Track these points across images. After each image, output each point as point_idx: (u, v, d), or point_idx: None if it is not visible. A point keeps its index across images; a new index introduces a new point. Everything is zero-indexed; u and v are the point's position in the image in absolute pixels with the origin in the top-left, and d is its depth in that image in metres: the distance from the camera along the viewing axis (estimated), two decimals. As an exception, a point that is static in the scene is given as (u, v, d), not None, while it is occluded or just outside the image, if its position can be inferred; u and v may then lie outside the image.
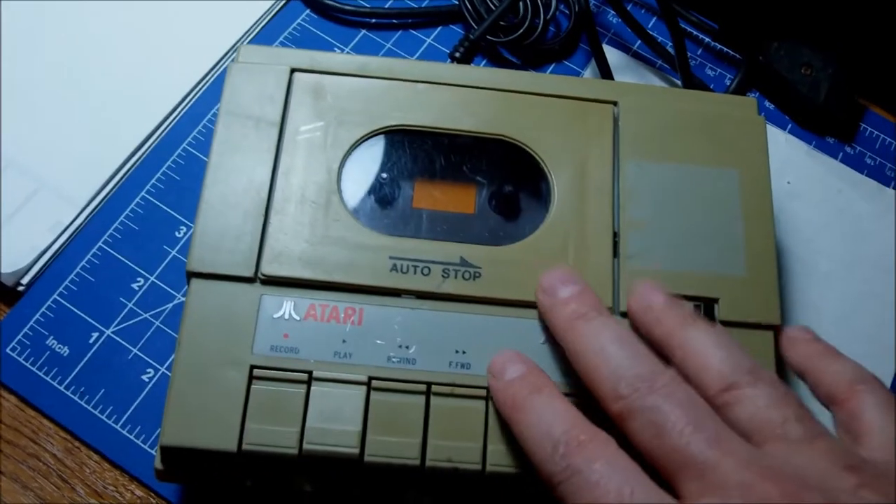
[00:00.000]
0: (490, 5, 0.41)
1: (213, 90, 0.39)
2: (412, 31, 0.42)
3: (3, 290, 0.34)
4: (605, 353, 0.26)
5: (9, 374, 0.33)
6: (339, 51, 0.41)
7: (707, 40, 0.44)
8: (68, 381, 0.33)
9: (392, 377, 0.28)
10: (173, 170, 0.37)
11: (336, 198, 0.31)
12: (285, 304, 0.29)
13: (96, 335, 0.34)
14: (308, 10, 0.42)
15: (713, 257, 0.31)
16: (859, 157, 0.42)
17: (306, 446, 0.27)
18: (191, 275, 0.29)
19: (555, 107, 0.34)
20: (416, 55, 0.42)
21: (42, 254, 0.35)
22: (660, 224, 0.32)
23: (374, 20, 0.42)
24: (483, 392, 0.29)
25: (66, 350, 0.33)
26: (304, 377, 0.28)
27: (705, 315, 0.30)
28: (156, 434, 0.32)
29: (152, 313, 0.34)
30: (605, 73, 0.41)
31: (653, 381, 0.25)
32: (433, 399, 0.28)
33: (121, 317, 0.34)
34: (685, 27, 0.43)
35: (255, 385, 0.28)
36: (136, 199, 0.37)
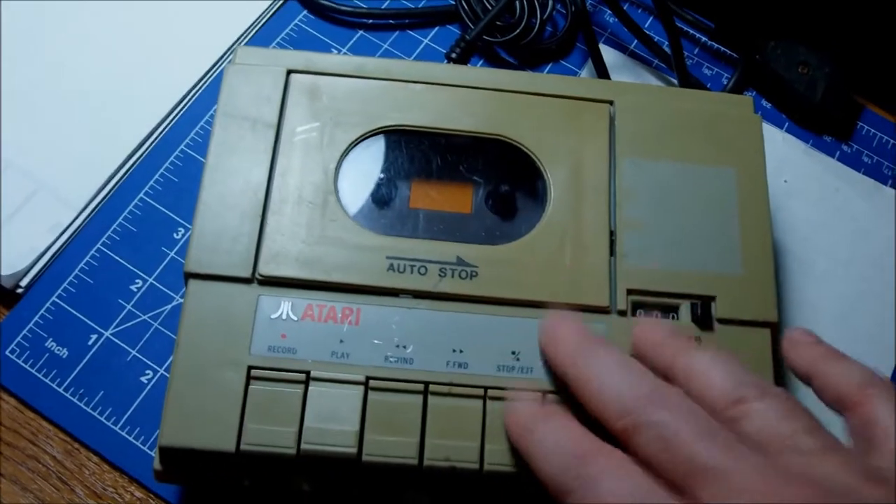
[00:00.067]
0: (486, 5, 0.41)
1: (211, 92, 0.39)
2: (409, 31, 0.42)
3: (2, 292, 0.35)
4: (609, 375, 0.25)
5: (8, 376, 0.33)
6: (336, 51, 0.41)
7: (704, 39, 0.44)
8: (67, 382, 0.33)
9: (389, 377, 0.28)
10: (171, 171, 0.37)
11: (333, 198, 0.31)
12: (283, 305, 0.29)
13: (95, 337, 0.34)
14: (305, 11, 0.42)
15: (710, 256, 0.31)
16: (856, 156, 0.42)
17: (304, 446, 0.27)
18: (188, 276, 0.29)
19: (551, 106, 0.34)
20: (414, 56, 0.42)
21: (41, 256, 0.35)
22: (656, 223, 0.32)
23: (370, 21, 0.42)
24: (480, 392, 0.29)
25: (65, 352, 0.33)
26: (302, 377, 0.28)
27: (702, 314, 0.30)
28: (155, 435, 0.32)
29: (151, 315, 0.34)
30: (602, 72, 0.41)
31: (658, 397, 0.24)
32: (431, 398, 0.28)
33: (119, 318, 0.34)
34: (681, 26, 0.44)
35: (253, 385, 0.28)
36: (135, 201, 0.37)
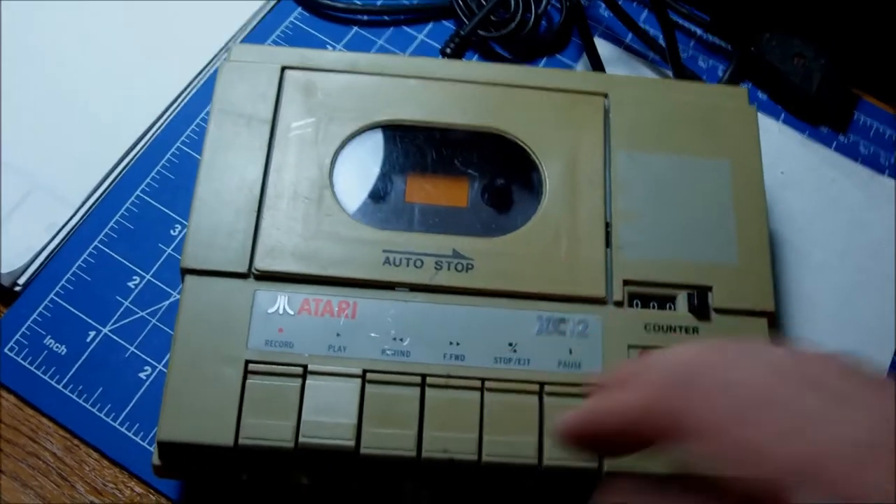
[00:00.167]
0: (481, 0, 0.41)
1: (207, 89, 0.39)
2: (404, 27, 0.42)
3: (0, 291, 0.35)
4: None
5: (7, 374, 0.33)
6: (331, 48, 0.41)
7: (699, 32, 0.44)
8: (66, 379, 0.33)
9: (387, 370, 0.29)
10: (167, 169, 0.37)
11: (328, 193, 0.31)
12: (279, 299, 0.29)
13: (93, 334, 0.34)
14: (300, 9, 0.42)
15: (706, 246, 0.32)
16: (853, 146, 0.42)
17: (302, 439, 0.27)
18: (185, 271, 0.29)
19: (545, 100, 0.34)
20: (409, 51, 0.42)
21: (38, 254, 0.35)
22: (652, 214, 0.32)
23: (365, 17, 0.42)
24: (478, 383, 0.29)
25: (63, 349, 0.34)
26: (299, 371, 0.28)
27: (699, 303, 0.31)
28: (154, 431, 0.32)
29: (149, 311, 0.35)
30: (597, 66, 0.41)
31: None
32: (428, 391, 0.28)
33: (117, 315, 0.34)
34: (676, 19, 0.44)
35: (251, 380, 0.28)
36: (131, 199, 0.37)
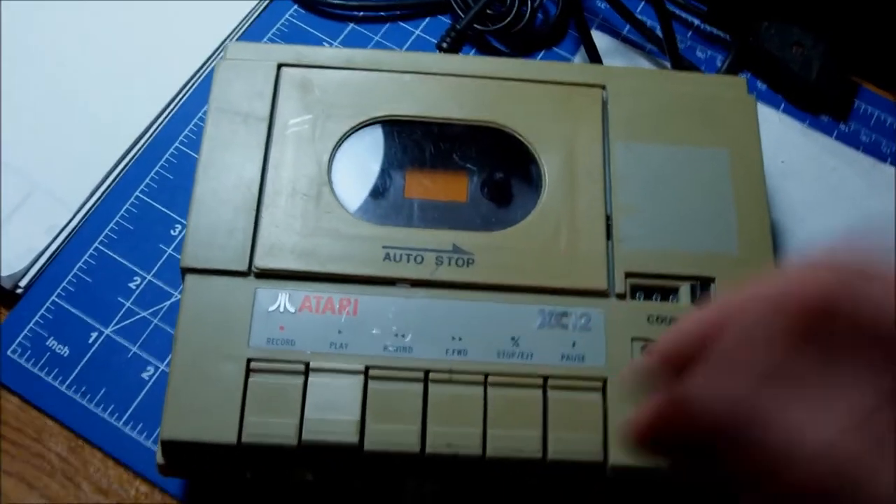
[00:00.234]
0: (477, -6, 0.41)
1: (204, 88, 0.39)
2: (400, 22, 0.42)
3: (2, 293, 0.35)
4: None
5: (10, 376, 0.33)
6: (327, 45, 0.41)
7: (696, 22, 0.44)
8: (69, 381, 0.33)
9: (389, 365, 0.29)
10: (166, 169, 0.37)
11: (327, 189, 0.31)
12: (280, 297, 0.29)
13: (95, 335, 0.34)
14: (295, 6, 0.42)
15: (707, 237, 0.31)
16: (854, 135, 0.42)
17: (305, 437, 0.27)
18: (185, 271, 0.29)
19: (543, 92, 0.34)
20: (405, 47, 0.42)
21: (39, 256, 0.35)
22: (652, 205, 0.32)
23: (361, 13, 0.42)
24: (481, 378, 0.29)
25: (66, 350, 0.34)
26: (301, 368, 0.28)
27: (702, 293, 0.30)
28: (158, 430, 0.32)
29: (150, 311, 0.35)
30: (595, 58, 0.41)
31: None
32: (431, 386, 0.28)
33: (119, 316, 0.34)
34: (673, 10, 0.43)
35: (253, 378, 0.28)
36: (131, 199, 0.37)
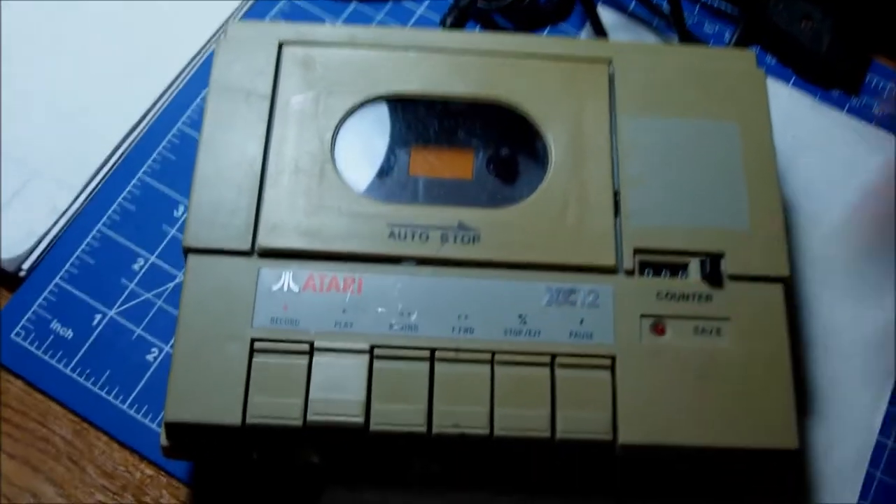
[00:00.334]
0: (481, -30, 0.41)
1: (205, 69, 0.39)
2: (402, 2, 0.42)
3: (4, 276, 0.34)
4: None
5: (14, 359, 0.33)
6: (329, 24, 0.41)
7: (705, -4, 0.43)
8: (73, 363, 0.33)
9: (395, 344, 0.28)
10: (168, 149, 0.37)
11: (330, 167, 0.31)
12: (284, 276, 0.29)
13: (99, 317, 0.34)
14: (297, -15, 0.42)
15: (717, 212, 0.31)
16: (866, 109, 0.41)
17: (310, 417, 0.27)
18: (188, 251, 0.29)
19: (548, 68, 0.33)
20: (408, 26, 0.41)
21: (41, 239, 0.35)
22: (660, 180, 0.31)
23: (364, -8, 0.42)
24: (488, 356, 0.28)
25: (69, 333, 0.33)
26: (306, 348, 0.28)
27: (712, 270, 0.30)
28: (163, 412, 0.32)
29: (154, 293, 0.34)
30: (601, 34, 0.40)
31: None
32: (437, 365, 0.28)
33: (123, 298, 0.34)
34: (682, -16, 0.43)
35: (257, 358, 0.28)
36: (133, 181, 0.36)
